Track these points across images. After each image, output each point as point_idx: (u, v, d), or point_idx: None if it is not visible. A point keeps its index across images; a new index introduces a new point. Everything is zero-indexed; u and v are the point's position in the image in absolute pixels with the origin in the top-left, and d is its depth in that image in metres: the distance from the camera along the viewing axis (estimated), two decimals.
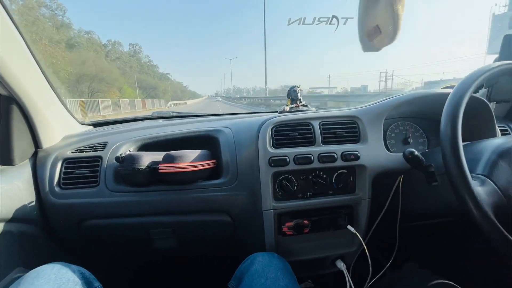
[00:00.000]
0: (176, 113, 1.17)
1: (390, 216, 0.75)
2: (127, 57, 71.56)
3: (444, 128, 0.48)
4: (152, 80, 64.56)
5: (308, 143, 0.71)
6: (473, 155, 0.53)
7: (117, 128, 0.92)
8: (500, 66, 0.52)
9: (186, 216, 0.72)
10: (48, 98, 0.76)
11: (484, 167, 0.50)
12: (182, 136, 0.81)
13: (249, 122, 0.81)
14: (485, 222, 0.42)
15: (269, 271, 0.54)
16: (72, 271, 0.49)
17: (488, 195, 0.45)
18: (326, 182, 0.71)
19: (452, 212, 0.61)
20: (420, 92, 0.76)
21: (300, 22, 0.75)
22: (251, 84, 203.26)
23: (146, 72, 75.93)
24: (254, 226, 0.72)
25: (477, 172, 0.50)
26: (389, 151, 0.77)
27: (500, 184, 0.46)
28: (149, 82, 59.31)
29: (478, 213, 0.42)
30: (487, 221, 0.42)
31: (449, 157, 0.46)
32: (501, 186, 0.46)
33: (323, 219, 0.74)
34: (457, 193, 0.44)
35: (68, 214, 0.69)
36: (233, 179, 0.71)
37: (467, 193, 0.43)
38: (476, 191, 0.43)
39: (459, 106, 0.48)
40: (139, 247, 0.80)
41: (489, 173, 0.48)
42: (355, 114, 0.75)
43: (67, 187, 0.69)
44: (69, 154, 0.73)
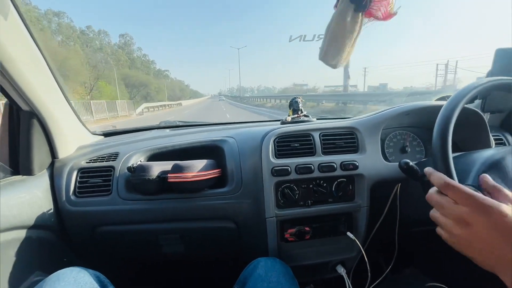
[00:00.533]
0: (183, 123, 1.22)
1: (388, 223, 0.78)
2: (113, 49, 62.79)
3: (435, 140, 0.51)
4: (143, 76, 55.12)
5: (308, 153, 0.75)
6: (464, 166, 0.56)
7: (126, 138, 0.96)
8: (490, 82, 0.55)
9: (193, 222, 0.76)
10: (64, 110, 0.81)
11: (474, 179, 0.52)
12: (188, 146, 0.85)
13: (253, 132, 0.84)
14: None
15: (272, 276, 0.57)
16: (89, 275, 0.53)
17: None
18: (326, 190, 0.74)
19: None
20: (415, 104, 0.80)
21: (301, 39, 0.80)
22: (256, 83, 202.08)
23: (137, 67, 68.72)
24: (258, 233, 0.75)
25: (467, 183, 0.53)
26: (387, 160, 0.80)
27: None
28: (139, 78, 50.10)
29: None
30: None
31: (439, 168, 0.49)
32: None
33: (323, 226, 0.77)
34: None
35: (83, 221, 0.73)
36: (237, 187, 0.75)
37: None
38: None
39: (449, 119, 0.51)
40: (148, 251, 0.84)
41: (478, 185, 0.51)
42: (354, 126, 0.78)
43: (82, 195, 0.73)
44: (84, 164, 0.77)
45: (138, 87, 47.45)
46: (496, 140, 0.85)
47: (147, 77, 58.29)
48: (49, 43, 29.00)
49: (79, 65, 26.21)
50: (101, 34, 61.72)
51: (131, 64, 69.62)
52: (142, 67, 75.15)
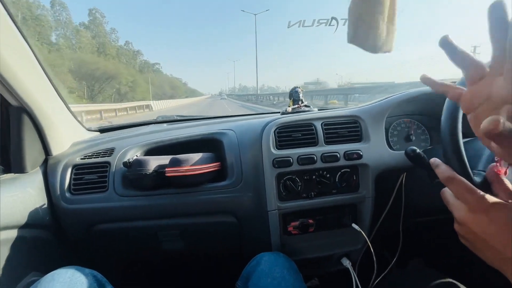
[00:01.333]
0: (180, 117, 1.19)
1: (394, 213, 0.76)
2: (73, 27, 46.78)
3: (444, 125, 0.48)
4: (112, 66, 38.26)
5: (311, 143, 0.72)
6: (474, 151, 0.54)
7: (123, 134, 0.94)
8: None
9: (193, 218, 0.74)
10: (56, 106, 0.78)
11: (485, 164, 0.50)
12: (187, 139, 0.83)
13: (252, 124, 0.82)
14: None
15: (276, 271, 0.55)
16: (85, 274, 0.51)
17: None
18: (330, 181, 0.72)
19: None
20: (420, 90, 0.77)
21: (300, 25, 0.77)
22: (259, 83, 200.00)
23: (108, 53, 50.25)
24: (260, 227, 0.73)
25: (479, 168, 0.50)
26: (392, 148, 0.77)
27: None
28: (106, 68, 34.92)
29: None
30: None
31: (450, 155, 0.46)
32: None
33: (327, 218, 0.75)
34: None
35: (78, 219, 0.71)
36: (238, 180, 0.73)
37: None
38: None
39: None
40: (147, 249, 0.82)
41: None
42: (357, 114, 0.76)
43: (77, 192, 0.71)
44: (78, 161, 0.75)
45: (101, 80, 33.34)
46: None
47: (116, 66, 40.62)
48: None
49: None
50: (56, 5, 45.54)
51: (101, 49, 50.02)
52: (116, 54, 55.96)
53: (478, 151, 0.53)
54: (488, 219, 0.33)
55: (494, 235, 0.33)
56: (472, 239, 0.35)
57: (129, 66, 60.94)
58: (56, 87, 0.78)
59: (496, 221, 0.32)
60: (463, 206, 0.36)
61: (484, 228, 0.33)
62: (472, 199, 0.35)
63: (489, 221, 0.33)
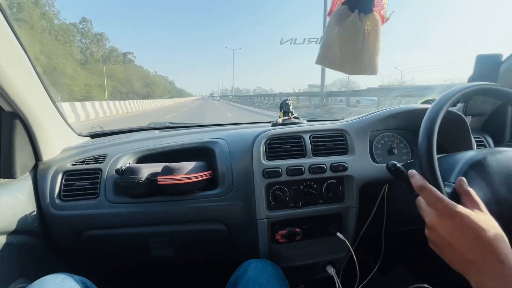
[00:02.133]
0: (173, 124, 1.20)
1: (376, 223, 0.80)
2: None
3: (421, 142, 0.53)
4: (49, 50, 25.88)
5: (299, 155, 0.76)
6: (448, 165, 0.58)
7: (114, 140, 0.94)
8: (472, 87, 0.57)
9: (183, 225, 0.75)
10: (48, 111, 0.79)
11: (456, 176, 0.54)
12: (179, 147, 0.84)
13: (244, 134, 0.84)
14: None
15: (262, 278, 0.57)
16: (75, 281, 0.51)
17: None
18: (317, 191, 0.75)
19: None
20: (402, 107, 0.82)
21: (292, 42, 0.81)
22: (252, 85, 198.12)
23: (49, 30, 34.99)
24: (249, 234, 0.75)
25: (450, 180, 0.55)
26: (375, 161, 0.82)
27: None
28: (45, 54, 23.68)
29: None
30: None
31: (425, 168, 0.51)
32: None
33: (314, 227, 0.78)
34: None
35: (68, 226, 0.71)
36: (228, 189, 0.75)
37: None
38: None
39: (434, 121, 0.53)
40: (137, 255, 0.82)
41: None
42: (343, 128, 0.80)
43: (67, 199, 0.71)
44: (69, 167, 0.75)
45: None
46: (477, 142, 0.88)
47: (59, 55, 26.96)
48: None
49: None
50: None
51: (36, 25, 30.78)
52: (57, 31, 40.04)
53: (451, 165, 0.58)
54: (454, 224, 0.37)
55: (458, 238, 0.36)
56: (439, 243, 0.39)
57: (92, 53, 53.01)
58: (49, 91, 0.78)
59: (461, 226, 0.36)
60: (432, 212, 0.40)
61: (450, 232, 0.37)
62: (440, 205, 0.39)
63: (454, 226, 0.37)
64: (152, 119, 2.64)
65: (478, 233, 0.35)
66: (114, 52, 63.78)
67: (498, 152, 0.57)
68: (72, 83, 26.39)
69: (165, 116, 12.67)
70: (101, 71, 35.44)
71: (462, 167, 0.55)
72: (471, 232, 0.36)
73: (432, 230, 0.40)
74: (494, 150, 0.58)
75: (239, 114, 14.03)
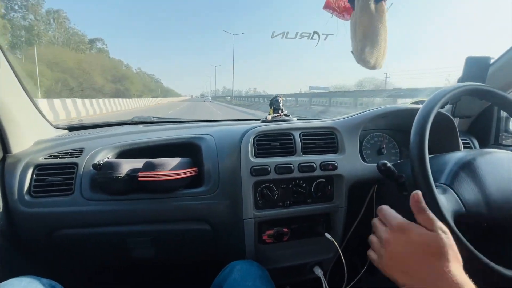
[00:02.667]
0: (158, 118, 1.15)
1: (365, 223, 0.79)
2: None
3: (413, 141, 0.52)
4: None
5: (289, 153, 0.73)
6: (438, 166, 0.58)
7: (94, 133, 0.89)
8: (462, 87, 0.57)
9: (166, 224, 0.71)
10: (19, 99, 0.73)
11: (446, 177, 0.54)
12: (163, 143, 0.80)
13: (232, 130, 0.81)
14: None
15: (248, 280, 0.55)
16: (42, 284, 0.47)
17: (448, 202, 0.49)
18: (306, 191, 0.73)
19: None
20: (393, 107, 0.81)
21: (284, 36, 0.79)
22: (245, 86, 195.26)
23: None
24: (235, 235, 0.72)
25: (441, 181, 0.54)
26: (365, 161, 0.81)
27: (460, 192, 0.51)
28: None
29: (440, 219, 0.46)
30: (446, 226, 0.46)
31: (417, 168, 0.50)
32: (460, 194, 0.51)
33: (302, 227, 0.76)
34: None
35: (38, 224, 0.65)
36: (214, 187, 0.71)
37: (431, 200, 0.47)
38: (438, 199, 0.47)
39: (426, 122, 0.52)
40: (114, 256, 0.77)
41: (450, 182, 0.53)
42: (334, 126, 0.78)
43: (38, 195, 0.66)
44: (42, 160, 0.70)
45: None
46: (464, 144, 0.89)
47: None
48: None
49: None
50: None
51: None
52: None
53: (441, 166, 0.58)
54: (404, 239, 0.38)
55: (405, 253, 0.38)
56: (385, 256, 0.40)
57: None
58: (21, 80, 0.72)
59: (410, 242, 0.38)
60: (383, 227, 0.42)
61: (398, 247, 0.39)
62: (392, 220, 0.41)
63: (404, 241, 0.38)
64: None
65: (426, 250, 0.36)
66: (76, 37, 48.23)
67: (487, 153, 0.57)
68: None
69: None
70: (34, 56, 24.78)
71: (452, 168, 0.55)
72: (419, 248, 0.37)
73: (385, 243, 0.41)
74: (483, 151, 0.58)
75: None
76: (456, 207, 0.49)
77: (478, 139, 0.93)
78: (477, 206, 0.51)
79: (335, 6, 0.59)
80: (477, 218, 0.51)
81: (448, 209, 0.48)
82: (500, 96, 0.58)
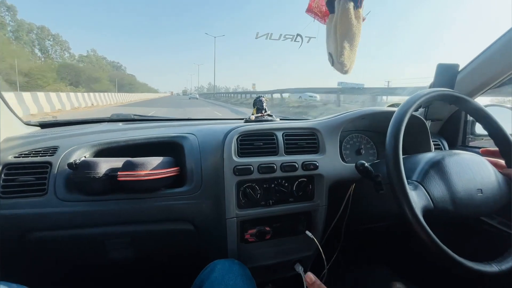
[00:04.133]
0: (138, 116, 1.12)
1: (343, 221, 0.82)
2: None
3: (388, 142, 0.55)
4: None
5: (271, 152, 0.74)
6: (410, 165, 0.62)
7: (69, 131, 0.85)
8: (434, 92, 0.61)
9: (146, 225, 0.70)
10: None
11: (418, 175, 0.58)
12: (144, 141, 0.78)
13: (215, 129, 0.81)
14: (415, 222, 0.49)
15: (229, 278, 0.56)
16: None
17: (419, 198, 0.53)
18: (287, 190, 0.75)
19: (394, 216, 0.70)
20: (371, 109, 0.85)
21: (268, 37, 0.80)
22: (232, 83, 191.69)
23: None
24: (217, 234, 0.72)
25: (413, 179, 0.58)
26: (344, 161, 0.84)
27: (429, 189, 0.55)
28: None
29: (410, 213, 0.49)
30: (416, 221, 0.49)
31: (391, 167, 0.53)
32: (429, 190, 0.55)
33: (283, 225, 0.77)
34: (395, 197, 0.51)
35: (8, 227, 0.62)
36: (197, 187, 0.71)
37: (403, 196, 0.50)
38: (410, 195, 0.50)
39: (401, 123, 0.55)
40: (92, 259, 0.74)
41: (421, 179, 0.57)
42: (315, 127, 0.80)
43: (7, 196, 0.62)
44: (11, 159, 0.65)
45: None
46: (435, 145, 0.95)
47: None
48: None
49: None
50: None
51: None
52: None
53: (413, 165, 0.61)
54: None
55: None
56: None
57: None
58: None
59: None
60: None
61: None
62: None
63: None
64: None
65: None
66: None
67: (455, 154, 0.61)
68: None
69: None
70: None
71: (424, 167, 0.59)
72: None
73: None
74: (451, 152, 0.62)
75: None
76: (425, 203, 0.53)
77: (447, 140, 1.00)
78: (444, 203, 0.55)
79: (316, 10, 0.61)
80: (444, 214, 0.54)
81: (418, 204, 0.51)
82: (466, 101, 0.63)
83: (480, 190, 0.57)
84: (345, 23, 0.60)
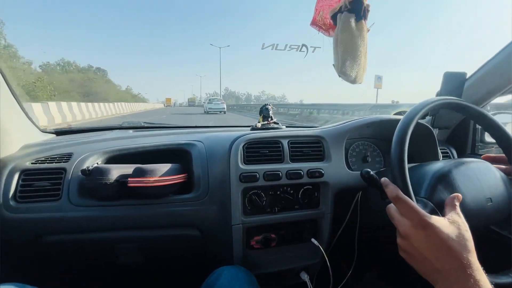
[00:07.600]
0: (148, 124, 1.15)
1: (350, 229, 0.81)
2: None
3: (393, 153, 0.54)
4: None
5: (277, 160, 0.75)
6: (417, 178, 0.60)
7: (83, 138, 0.88)
8: (440, 100, 0.61)
9: (154, 230, 0.71)
10: (5, 102, 0.72)
11: (425, 191, 0.56)
12: (153, 148, 0.81)
13: (222, 137, 0.83)
14: None
15: (235, 285, 0.56)
16: None
17: None
18: (293, 197, 0.75)
19: None
20: (376, 117, 0.85)
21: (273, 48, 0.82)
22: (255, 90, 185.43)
23: None
24: (223, 240, 0.73)
25: (421, 195, 0.57)
26: (350, 169, 0.84)
27: (438, 205, 0.54)
28: None
29: None
30: None
31: (397, 176, 0.52)
32: (439, 207, 0.54)
33: (289, 232, 0.78)
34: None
35: (24, 230, 0.64)
36: (204, 193, 0.72)
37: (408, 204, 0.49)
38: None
39: (406, 132, 0.55)
40: (102, 263, 0.76)
41: (429, 196, 0.55)
42: (321, 134, 0.81)
43: (24, 200, 0.65)
44: (28, 165, 0.69)
45: None
46: (443, 153, 0.94)
47: None
48: None
49: None
50: None
51: None
52: None
53: (421, 179, 0.60)
54: (426, 235, 0.39)
55: (429, 248, 0.38)
56: (411, 252, 0.41)
57: None
58: (8, 83, 0.71)
59: (432, 237, 0.38)
60: (407, 222, 0.41)
61: (422, 242, 0.39)
62: (415, 216, 0.40)
63: (426, 236, 0.39)
64: None
65: (447, 244, 0.38)
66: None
67: (461, 164, 0.60)
68: None
69: None
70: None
71: (430, 182, 0.57)
72: (441, 242, 0.38)
73: (405, 239, 0.42)
74: (458, 162, 0.61)
75: None
76: None
77: (456, 148, 0.98)
78: None
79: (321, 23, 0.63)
80: None
81: None
82: (473, 110, 0.63)
83: (489, 199, 0.56)
84: (346, 35, 0.61)
